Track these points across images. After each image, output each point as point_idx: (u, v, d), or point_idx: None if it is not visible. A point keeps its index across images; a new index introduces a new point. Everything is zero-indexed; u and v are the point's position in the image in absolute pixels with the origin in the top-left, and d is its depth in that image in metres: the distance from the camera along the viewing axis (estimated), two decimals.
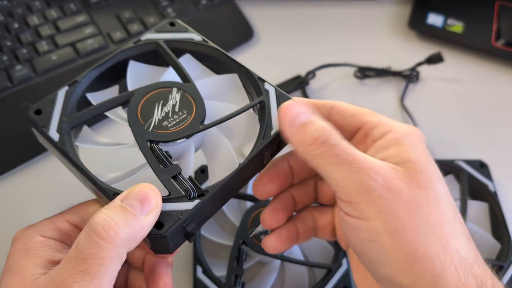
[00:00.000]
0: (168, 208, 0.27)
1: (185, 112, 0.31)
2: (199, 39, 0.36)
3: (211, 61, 0.36)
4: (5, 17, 0.53)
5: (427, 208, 0.25)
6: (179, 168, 0.29)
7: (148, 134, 0.30)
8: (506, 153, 0.50)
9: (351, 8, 0.63)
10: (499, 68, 0.58)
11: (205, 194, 0.28)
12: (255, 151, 0.30)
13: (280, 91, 0.33)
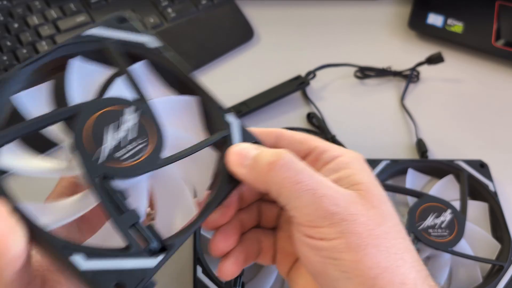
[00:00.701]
0: (129, 266, 0.23)
1: (141, 141, 0.26)
2: (154, 45, 0.31)
3: (167, 75, 0.31)
4: (5, 17, 0.53)
5: (383, 226, 0.26)
6: (137, 215, 0.25)
7: (100, 168, 0.25)
8: (506, 153, 0.50)
9: (351, 8, 0.63)
10: (499, 68, 0.58)
11: (169, 248, 0.25)
12: (222, 195, 0.27)
13: (244, 127, 0.29)
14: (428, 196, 0.43)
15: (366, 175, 0.28)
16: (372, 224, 0.26)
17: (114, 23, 0.30)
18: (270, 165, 0.27)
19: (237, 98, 0.51)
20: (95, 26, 0.29)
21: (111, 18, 0.30)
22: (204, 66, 0.55)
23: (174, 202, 0.28)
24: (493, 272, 0.40)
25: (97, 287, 0.23)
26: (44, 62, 0.28)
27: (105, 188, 0.25)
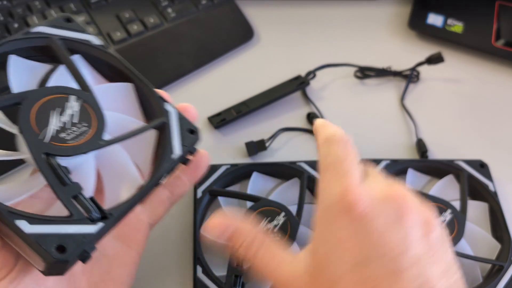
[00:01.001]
0: (70, 231, 0.25)
1: (85, 125, 0.29)
2: (98, 43, 0.33)
3: (110, 69, 0.34)
4: (5, 17, 0.53)
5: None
6: (80, 187, 0.27)
7: (45, 146, 0.27)
8: (506, 153, 0.50)
9: (351, 8, 0.63)
10: (499, 68, 0.58)
11: (109, 217, 0.27)
12: (160, 173, 0.30)
13: (181, 114, 0.33)
14: (428, 196, 0.43)
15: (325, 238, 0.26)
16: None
17: (61, 22, 0.33)
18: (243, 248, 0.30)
19: (237, 98, 0.51)
20: (43, 25, 0.32)
21: (58, 18, 0.33)
22: (204, 66, 0.55)
23: (120, 177, 0.31)
24: (493, 272, 0.40)
25: (40, 249, 0.24)
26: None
27: (49, 164, 0.27)
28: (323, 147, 0.30)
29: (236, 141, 0.49)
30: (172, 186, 0.35)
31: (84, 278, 0.32)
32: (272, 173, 0.45)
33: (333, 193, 0.26)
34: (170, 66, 0.53)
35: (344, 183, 0.26)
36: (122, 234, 0.33)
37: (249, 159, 0.48)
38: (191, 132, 0.33)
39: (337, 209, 0.26)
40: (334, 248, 0.25)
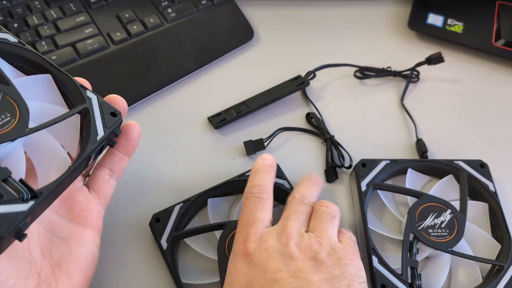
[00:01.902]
0: (2, 210, 0.27)
1: (8, 115, 0.31)
2: (14, 40, 0.35)
3: (28, 64, 0.36)
4: (5, 17, 0.53)
5: None
6: (8, 171, 0.29)
7: None
8: (506, 153, 0.50)
9: (351, 8, 0.63)
10: (499, 68, 0.58)
11: (39, 195, 0.29)
12: (85, 153, 0.32)
13: (102, 99, 0.35)
14: (428, 196, 0.43)
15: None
16: None
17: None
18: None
19: (237, 98, 0.51)
20: None
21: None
22: (204, 66, 0.55)
23: (50, 160, 0.33)
24: (493, 272, 0.40)
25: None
26: None
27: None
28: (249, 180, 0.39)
29: (236, 141, 0.49)
30: (110, 164, 0.37)
31: (44, 260, 0.33)
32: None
33: (238, 243, 0.36)
34: (170, 66, 0.53)
35: (244, 235, 0.35)
36: (76, 216, 0.35)
37: (247, 158, 0.48)
38: (113, 115, 0.35)
39: (238, 254, 0.35)
40: (234, 277, 0.34)
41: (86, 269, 0.34)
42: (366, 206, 0.43)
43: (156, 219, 0.40)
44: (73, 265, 0.34)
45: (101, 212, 0.37)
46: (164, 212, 0.41)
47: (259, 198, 0.37)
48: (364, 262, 0.40)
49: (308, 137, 0.50)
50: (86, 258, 0.35)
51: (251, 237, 0.35)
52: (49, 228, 0.35)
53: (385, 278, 0.38)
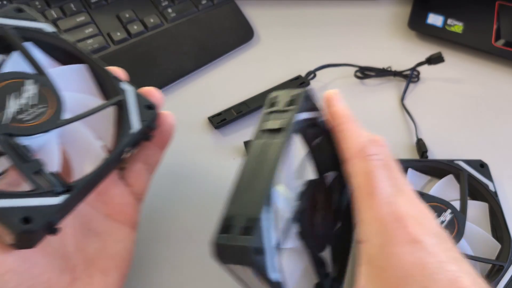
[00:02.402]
0: (35, 203, 0.27)
1: (43, 106, 0.30)
2: (51, 30, 0.34)
3: (65, 55, 0.35)
4: None
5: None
6: (40, 163, 0.28)
7: (3, 127, 0.28)
8: (506, 153, 0.50)
9: (351, 8, 0.63)
10: (499, 68, 0.58)
11: (72, 189, 0.28)
12: (119, 147, 0.31)
13: (138, 92, 0.34)
14: (428, 196, 0.43)
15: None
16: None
17: (12, 12, 0.33)
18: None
19: (237, 98, 0.51)
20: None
21: (9, 9, 0.34)
22: (204, 66, 0.55)
23: (84, 153, 0.32)
24: (493, 272, 0.40)
25: (6, 221, 0.26)
26: None
27: (10, 143, 0.28)
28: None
29: (236, 141, 0.49)
30: (144, 157, 0.36)
31: (79, 256, 0.32)
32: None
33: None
34: (170, 66, 0.53)
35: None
36: (111, 211, 0.35)
37: None
38: (149, 108, 0.34)
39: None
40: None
41: (121, 266, 0.34)
42: None
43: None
44: (108, 262, 0.33)
45: (137, 207, 0.36)
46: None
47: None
48: None
49: None
50: (121, 255, 0.34)
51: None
52: (85, 222, 0.34)
53: None
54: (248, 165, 0.28)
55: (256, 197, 0.26)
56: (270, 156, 0.28)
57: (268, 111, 0.31)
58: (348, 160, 0.31)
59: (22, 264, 0.29)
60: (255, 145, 0.29)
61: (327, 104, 0.34)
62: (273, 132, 0.29)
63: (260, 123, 0.31)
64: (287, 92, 0.32)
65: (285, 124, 0.29)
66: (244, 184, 0.28)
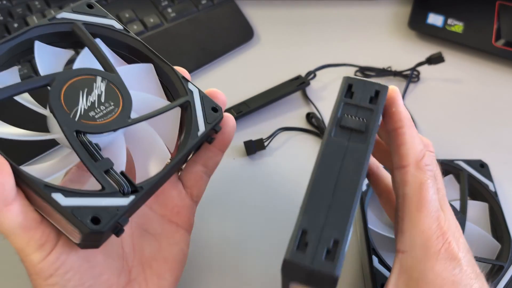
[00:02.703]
0: (104, 204, 0.26)
1: (112, 104, 0.30)
2: (119, 27, 0.34)
3: (131, 52, 0.35)
4: (5, 17, 0.53)
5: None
6: (111, 162, 0.28)
7: (75, 124, 0.28)
8: (506, 153, 0.50)
9: (351, 8, 0.63)
10: (499, 68, 0.58)
11: (139, 190, 0.28)
12: (185, 149, 0.31)
13: (203, 93, 0.34)
14: None
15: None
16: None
17: (84, 8, 0.34)
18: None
19: (237, 98, 0.51)
20: (66, 11, 0.33)
21: (81, 4, 0.34)
22: (204, 66, 0.55)
23: (149, 154, 0.32)
24: (493, 272, 0.40)
25: (75, 220, 0.25)
26: (20, 41, 0.31)
27: (80, 141, 0.28)
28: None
29: (236, 141, 0.49)
30: (204, 159, 0.35)
31: (136, 257, 0.32)
32: None
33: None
34: None
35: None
36: (168, 212, 0.34)
37: (247, 158, 0.48)
38: (214, 110, 0.33)
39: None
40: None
41: (176, 269, 0.33)
42: (366, 206, 0.43)
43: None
44: (163, 264, 0.33)
45: (193, 209, 0.35)
46: None
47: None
48: (364, 262, 0.40)
49: (308, 137, 0.50)
50: (176, 257, 0.33)
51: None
52: (142, 223, 0.34)
53: (385, 278, 0.38)
54: (329, 169, 0.26)
55: (343, 216, 0.24)
56: (356, 167, 0.26)
57: (347, 102, 0.30)
58: (404, 167, 0.30)
59: (84, 264, 0.28)
60: (334, 143, 0.27)
61: (389, 102, 0.32)
62: (355, 133, 0.28)
63: (337, 112, 0.29)
64: (368, 83, 0.30)
65: (369, 127, 0.28)
66: (324, 193, 0.25)
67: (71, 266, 0.27)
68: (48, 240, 0.27)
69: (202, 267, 0.40)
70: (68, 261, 0.27)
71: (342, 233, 0.24)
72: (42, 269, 0.27)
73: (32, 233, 0.26)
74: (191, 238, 0.36)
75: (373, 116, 0.28)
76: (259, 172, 0.47)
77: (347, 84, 0.30)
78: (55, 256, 0.27)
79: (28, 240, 0.26)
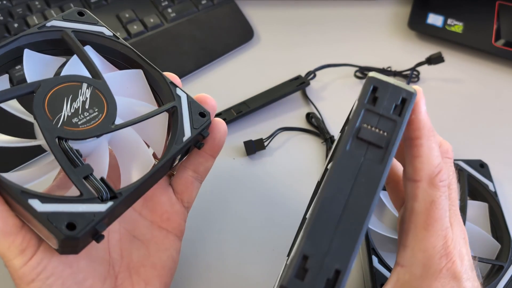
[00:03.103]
0: (80, 210, 0.26)
1: (96, 110, 0.30)
2: (109, 34, 0.35)
3: (121, 58, 0.35)
4: (5, 17, 0.53)
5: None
6: (90, 168, 0.28)
7: (57, 130, 0.28)
8: (506, 153, 0.50)
9: (351, 8, 0.63)
10: (499, 68, 0.58)
11: (118, 196, 0.28)
12: (169, 154, 0.31)
13: (192, 98, 0.34)
14: None
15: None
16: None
17: (74, 15, 0.34)
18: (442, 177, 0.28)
19: (237, 98, 0.51)
20: (56, 19, 0.33)
21: (71, 12, 0.34)
22: (204, 66, 0.55)
23: (133, 159, 0.32)
24: (493, 272, 0.40)
25: (51, 226, 0.25)
26: (9, 49, 0.31)
27: (62, 147, 0.28)
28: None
29: (236, 141, 0.49)
30: (194, 165, 0.35)
31: (123, 262, 0.32)
32: None
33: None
34: (170, 66, 0.53)
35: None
36: (158, 218, 0.34)
37: (247, 158, 0.48)
38: (202, 115, 0.33)
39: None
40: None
41: (164, 276, 0.33)
42: None
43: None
44: (151, 271, 0.32)
45: (184, 215, 0.35)
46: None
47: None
48: (364, 262, 0.40)
49: (308, 137, 0.50)
50: (165, 264, 0.33)
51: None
52: (131, 229, 0.33)
53: (385, 278, 0.38)
54: (339, 189, 0.24)
55: (348, 245, 0.23)
56: (369, 191, 0.24)
57: (369, 109, 0.26)
58: (416, 181, 0.28)
59: (66, 269, 0.29)
60: (348, 158, 0.25)
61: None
62: (373, 148, 0.25)
63: (356, 121, 0.25)
64: (395, 88, 0.27)
65: (389, 144, 0.25)
66: (331, 216, 0.23)
67: (53, 271, 0.28)
68: (29, 246, 0.27)
69: (201, 267, 0.40)
70: (50, 266, 0.28)
71: (345, 264, 0.22)
72: (24, 273, 0.27)
73: (12, 238, 0.26)
74: (191, 238, 0.36)
75: (395, 130, 0.26)
76: (259, 172, 0.47)
77: (372, 86, 0.27)
78: (36, 261, 0.27)
79: (9, 246, 0.26)
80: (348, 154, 0.25)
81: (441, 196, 0.28)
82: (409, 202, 0.29)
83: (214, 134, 0.34)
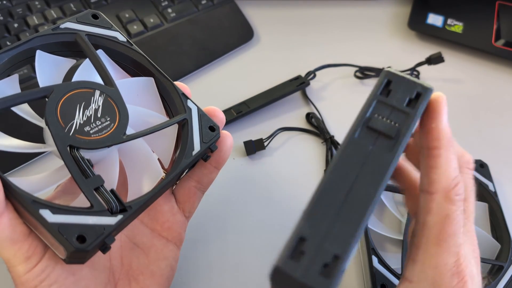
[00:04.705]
0: (90, 222, 0.26)
1: (108, 119, 0.30)
2: (123, 39, 0.34)
3: (133, 65, 0.35)
4: (5, 17, 0.53)
5: None
6: (101, 179, 0.28)
7: (69, 138, 0.28)
8: (506, 153, 0.50)
9: (351, 8, 0.63)
10: (499, 68, 0.58)
11: (128, 209, 0.28)
12: (178, 169, 0.31)
13: (202, 111, 0.33)
14: None
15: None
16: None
17: (88, 18, 0.34)
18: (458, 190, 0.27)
19: (237, 98, 0.51)
20: (70, 21, 0.33)
21: (85, 14, 0.34)
22: (204, 66, 0.55)
23: (142, 171, 0.32)
24: (493, 272, 0.40)
25: (61, 238, 0.25)
26: (22, 50, 0.31)
27: (73, 156, 0.28)
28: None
29: (236, 141, 0.49)
30: (198, 176, 0.35)
31: (123, 269, 0.32)
32: None
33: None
34: (170, 66, 0.53)
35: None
36: (159, 227, 0.34)
37: (247, 158, 0.48)
38: (211, 129, 0.33)
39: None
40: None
41: (162, 284, 0.33)
42: None
43: None
44: (149, 279, 0.32)
45: (184, 225, 0.35)
46: None
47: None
48: (364, 262, 0.40)
49: (308, 137, 0.50)
50: (163, 272, 0.33)
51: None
52: (132, 236, 0.34)
53: (385, 278, 0.38)
54: (345, 174, 0.23)
55: (350, 230, 0.22)
56: (376, 178, 0.23)
57: (382, 100, 0.26)
58: (431, 194, 0.27)
59: (70, 277, 0.29)
60: (356, 146, 0.24)
61: (430, 113, 0.29)
62: (383, 138, 0.24)
63: (366, 111, 0.25)
64: (410, 82, 0.26)
65: (400, 134, 0.24)
66: (334, 200, 0.22)
67: (56, 279, 0.28)
68: (34, 253, 0.27)
69: (201, 266, 0.40)
70: (53, 274, 0.28)
71: (345, 249, 0.21)
72: (27, 280, 0.27)
73: (19, 245, 0.26)
74: (190, 238, 0.36)
75: (407, 122, 0.25)
76: (259, 172, 0.47)
77: (386, 80, 0.26)
78: (40, 268, 0.27)
79: (14, 253, 0.26)
80: (356, 141, 0.24)
81: (456, 211, 0.26)
82: (422, 215, 0.27)
83: (221, 146, 0.34)
